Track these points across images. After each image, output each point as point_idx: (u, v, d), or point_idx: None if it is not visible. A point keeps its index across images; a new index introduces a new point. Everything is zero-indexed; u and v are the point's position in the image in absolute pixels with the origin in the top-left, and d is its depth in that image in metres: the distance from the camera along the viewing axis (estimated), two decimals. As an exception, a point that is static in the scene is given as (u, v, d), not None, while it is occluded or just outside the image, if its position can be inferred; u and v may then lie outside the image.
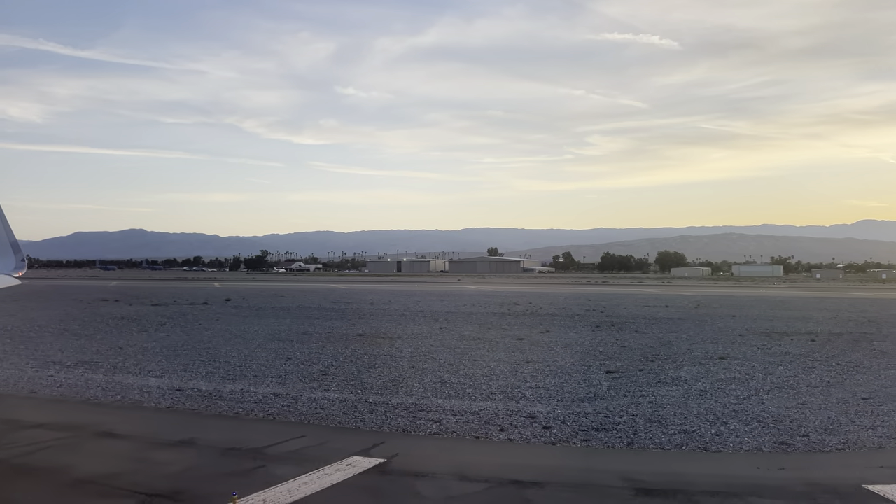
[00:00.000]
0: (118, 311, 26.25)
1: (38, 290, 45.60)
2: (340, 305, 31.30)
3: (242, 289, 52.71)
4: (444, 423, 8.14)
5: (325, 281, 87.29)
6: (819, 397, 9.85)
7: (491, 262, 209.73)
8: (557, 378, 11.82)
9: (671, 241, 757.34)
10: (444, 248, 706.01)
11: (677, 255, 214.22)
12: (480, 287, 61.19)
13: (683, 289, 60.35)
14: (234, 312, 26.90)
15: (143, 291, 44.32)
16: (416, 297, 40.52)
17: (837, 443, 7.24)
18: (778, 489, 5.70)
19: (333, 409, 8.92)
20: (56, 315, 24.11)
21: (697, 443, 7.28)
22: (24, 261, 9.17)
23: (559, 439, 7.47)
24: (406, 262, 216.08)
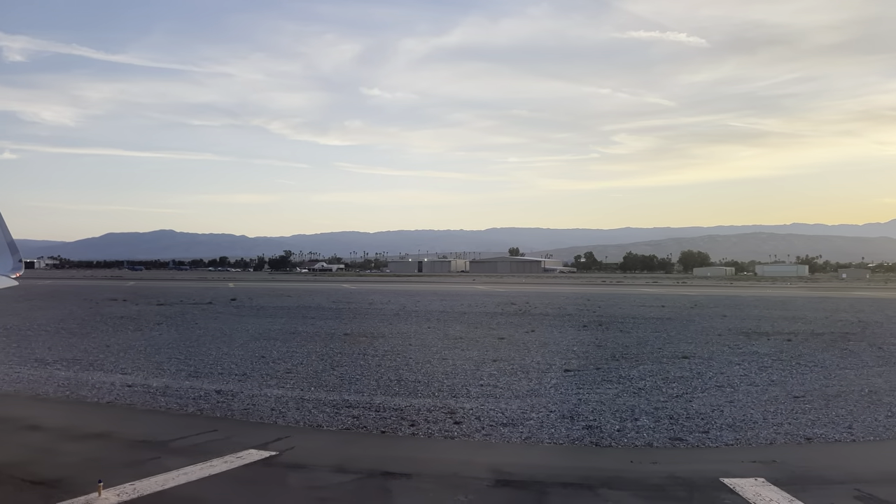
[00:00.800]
0: (121, 311, 26.90)
1: (54, 290, 46.85)
2: (340, 305, 31.69)
3: (252, 289, 53.46)
4: (361, 419, 8.40)
5: (339, 281, 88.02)
6: (752, 396, 9.94)
7: (512, 262, 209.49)
8: (513, 376, 12.01)
9: (699, 240, 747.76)
10: (469, 248, 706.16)
11: (701, 255, 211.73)
12: (489, 287, 61.28)
13: (694, 289, 59.83)
14: (234, 312, 27.40)
15: (154, 291, 45.22)
16: (419, 296, 40.80)
17: (731, 439, 7.39)
18: (634, 481, 5.90)
19: (265, 405, 9.22)
20: (59, 314, 24.81)
21: (595, 437, 7.46)
22: (21, 262, 9.18)
23: (463, 434, 7.67)
24: (427, 263, 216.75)
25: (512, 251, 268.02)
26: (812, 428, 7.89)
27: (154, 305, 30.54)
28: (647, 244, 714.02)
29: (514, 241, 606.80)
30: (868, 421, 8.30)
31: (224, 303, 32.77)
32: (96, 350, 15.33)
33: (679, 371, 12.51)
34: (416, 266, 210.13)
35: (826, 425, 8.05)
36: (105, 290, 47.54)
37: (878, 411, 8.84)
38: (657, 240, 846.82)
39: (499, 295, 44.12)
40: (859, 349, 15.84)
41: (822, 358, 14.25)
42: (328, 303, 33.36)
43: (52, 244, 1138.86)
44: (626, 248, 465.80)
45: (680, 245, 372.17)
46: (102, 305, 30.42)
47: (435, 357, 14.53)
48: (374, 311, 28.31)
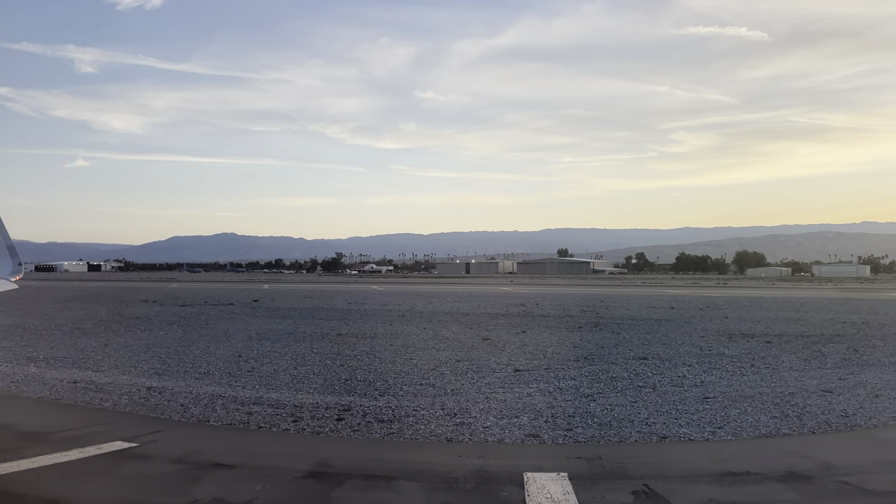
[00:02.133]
0: (143, 312, 28.26)
1: (98, 291, 49.23)
2: (354, 306, 32.46)
3: (282, 290, 54.77)
4: (256, 416, 8.86)
5: (370, 282, 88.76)
6: (665, 397, 10.11)
7: (560, 263, 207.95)
8: (461, 376, 12.32)
9: (762, 240, 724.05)
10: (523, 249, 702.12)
11: (756, 255, 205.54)
12: (515, 288, 61.18)
13: (730, 290, 58.45)
14: (248, 313, 28.43)
15: (188, 293, 46.99)
16: (437, 298, 41.30)
17: (588, 436, 7.62)
18: (438, 474, 6.18)
19: (178, 402, 9.75)
20: (82, 315, 26.28)
21: (458, 433, 7.81)
22: (21, 265, 9.23)
23: (338, 429, 8.13)
24: (474, 264, 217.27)
25: (560, 252, 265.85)
26: (679, 428, 8.07)
27: (177, 307, 31.91)
28: (706, 244, 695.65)
29: (569, 241, 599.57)
30: (749, 421, 8.41)
31: (245, 304, 33.96)
32: (92, 349, 16.28)
33: (623, 372, 12.69)
34: (464, 268, 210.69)
35: (697, 425, 8.21)
36: (145, 291, 49.67)
37: (770, 412, 8.91)
38: (717, 240, 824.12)
39: (518, 296, 44.24)
40: (833, 351, 15.63)
41: (782, 360, 14.16)
42: (344, 304, 34.21)
43: (121, 247, 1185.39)
44: (686, 248, 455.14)
45: (741, 245, 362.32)
46: (130, 306, 31.94)
47: (403, 358, 14.94)
48: (383, 312, 28.95)
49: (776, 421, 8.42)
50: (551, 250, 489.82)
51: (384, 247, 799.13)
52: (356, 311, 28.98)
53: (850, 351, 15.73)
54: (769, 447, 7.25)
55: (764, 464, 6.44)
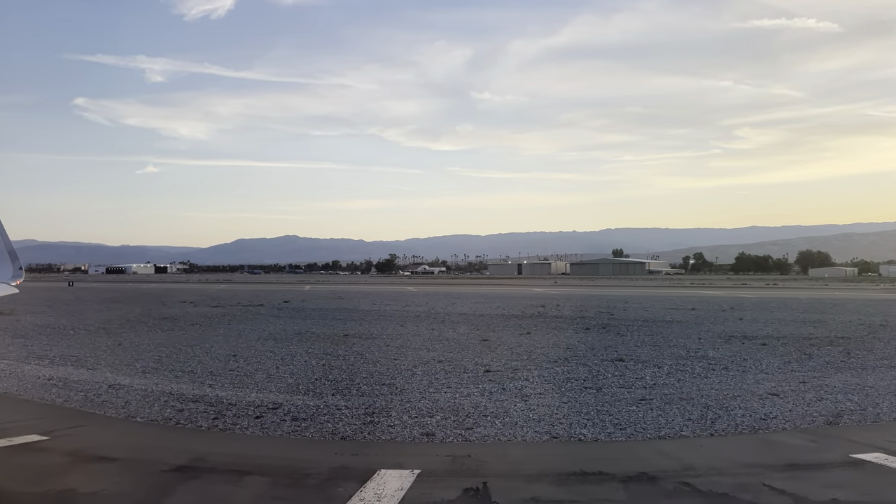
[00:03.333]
0: (173, 313, 29.50)
1: (144, 292, 51.43)
2: (377, 308, 33.05)
3: (320, 291, 55.91)
4: (186, 412, 9.18)
5: (414, 284, 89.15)
6: (602, 398, 10.16)
7: (614, 263, 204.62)
8: (431, 376, 12.46)
9: (833, 239, 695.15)
10: (581, 249, 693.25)
11: (821, 255, 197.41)
12: (546, 290, 60.67)
13: (771, 291, 56.71)
14: (273, 314, 29.33)
15: (228, 294, 48.62)
16: (462, 299, 41.58)
17: (483, 435, 7.84)
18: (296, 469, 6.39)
19: (123, 398, 10.21)
20: (114, 316, 27.62)
21: (360, 431, 8.08)
22: (22, 269, 9.14)
23: (252, 426, 8.41)
24: (527, 265, 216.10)
25: (615, 252, 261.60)
26: (580, 428, 8.17)
27: (209, 307, 33.16)
28: (773, 244, 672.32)
29: (629, 242, 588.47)
30: (659, 423, 8.44)
31: (274, 305, 34.99)
32: (103, 348, 17.05)
33: (586, 373, 12.75)
34: (516, 269, 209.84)
35: (600, 426, 8.29)
36: (190, 293, 51.62)
37: (690, 414, 8.89)
38: (785, 239, 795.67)
39: (546, 297, 44.07)
40: (824, 353, 15.30)
41: (762, 363, 13.94)
42: (368, 305, 34.86)
43: (189, 250, 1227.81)
44: (752, 248, 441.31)
45: (810, 244, 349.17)
46: (166, 307, 33.36)
47: (389, 358, 15.16)
48: (401, 314, 29.38)
49: (690, 423, 8.43)
50: (610, 251, 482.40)
51: (441, 248, 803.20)
52: (375, 313, 29.53)
53: (842, 354, 15.32)
54: (647, 448, 7.30)
55: (623, 465, 6.48)
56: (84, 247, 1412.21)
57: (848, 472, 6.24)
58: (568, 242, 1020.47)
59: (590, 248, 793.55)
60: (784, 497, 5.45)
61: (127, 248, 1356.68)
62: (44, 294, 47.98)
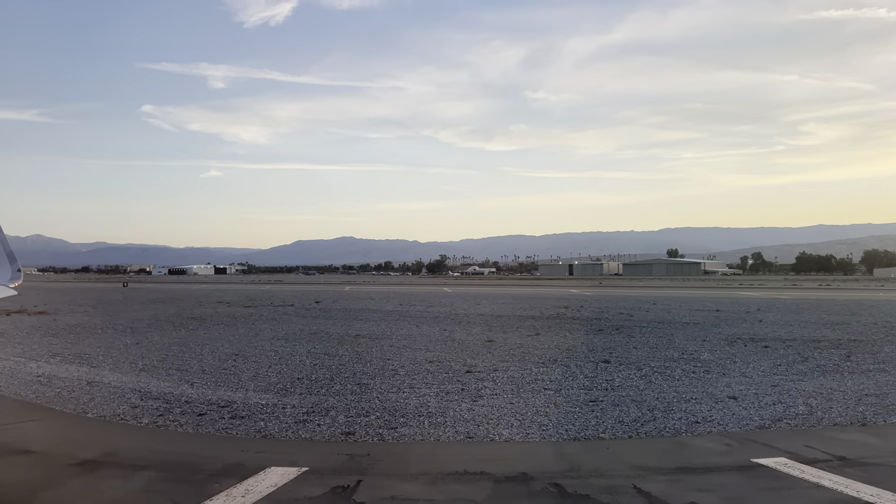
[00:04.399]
0: (204, 313, 30.56)
1: (190, 293, 53.19)
2: (402, 308, 33.49)
3: (356, 292, 56.51)
4: (139, 409, 9.56)
5: (453, 284, 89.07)
6: (553, 399, 10.25)
7: (668, 264, 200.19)
8: (409, 377, 12.76)
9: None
10: (640, 249, 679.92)
11: (888, 254, 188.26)
12: (580, 291, 59.94)
13: (817, 292, 54.51)
14: (299, 314, 30.07)
15: (267, 294, 49.86)
16: (490, 300, 41.68)
17: (400, 435, 8.04)
18: (192, 465, 6.61)
19: (90, 395, 10.66)
20: (146, 315, 28.82)
21: (292, 430, 8.32)
22: (20, 271, 9.11)
23: (184, 424, 8.74)
24: (578, 266, 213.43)
25: (670, 252, 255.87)
26: (505, 429, 8.30)
27: (242, 307, 34.19)
28: (841, 243, 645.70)
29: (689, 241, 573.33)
30: (587, 425, 8.51)
31: (304, 306, 35.79)
32: (119, 347, 17.61)
33: (560, 374, 12.84)
34: (567, 269, 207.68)
35: (522, 427, 8.37)
36: (232, 293, 53.16)
37: (626, 417, 8.92)
38: (855, 238, 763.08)
39: (574, 299, 43.67)
40: (822, 357, 14.98)
41: (750, 366, 13.75)
42: (395, 306, 35.30)
43: (250, 251, 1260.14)
44: (818, 248, 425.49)
45: (881, 244, 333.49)
46: (202, 307, 34.55)
47: (383, 359, 15.29)
48: (422, 314, 29.70)
49: (620, 425, 8.46)
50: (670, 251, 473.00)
51: (495, 248, 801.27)
52: (398, 314, 29.93)
53: (841, 357, 14.91)
54: (548, 449, 7.37)
55: (511, 465, 6.53)
56: (150, 248, 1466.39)
57: (732, 475, 6.19)
58: (625, 242, 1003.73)
59: (648, 248, 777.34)
60: (642, 498, 5.50)
61: (191, 249, 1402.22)
62: (95, 295, 50.31)
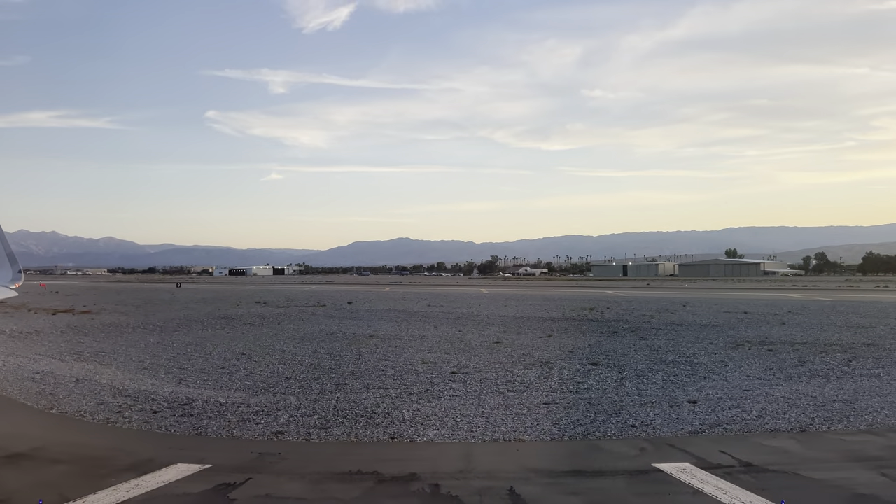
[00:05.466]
0: (236, 312, 31.49)
1: (235, 292, 54.77)
2: (429, 309, 33.77)
3: (393, 293, 57.07)
4: (105, 406, 9.96)
5: (492, 285, 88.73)
6: (509, 401, 10.36)
7: (726, 264, 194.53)
8: (394, 377, 13.03)
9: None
10: (701, 249, 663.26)
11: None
12: (617, 292, 58.88)
13: (871, 294, 52.12)
14: (328, 314, 30.68)
15: (306, 295, 50.89)
16: (520, 301, 41.56)
17: (329, 434, 8.29)
18: (99, 458, 6.94)
19: (80, 391, 11.19)
20: (180, 315, 29.89)
21: (233, 429, 8.62)
22: (21, 272, 9.15)
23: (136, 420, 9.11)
24: (632, 266, 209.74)
25: (728, 252, 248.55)
26: (427, 430, 8.47)
27: (276, 308, 35.13)
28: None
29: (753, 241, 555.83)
30: (527, 424, 8.63)
31: (335, 306, 36.44)
32: (139, 345, 18.20)
33: (538, 375, 12.94)
34: (621, 270, 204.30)
35: (453, 429, 8.51)
36: (276, 293, 54.54)
37: (565, 420, 8.98)
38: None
39: (606, 300, 43.14)
40: (823, 361, 14.61)
41: (740, 370, 13.56)
42: (423, 307, 35.64)
43: (309, 253, 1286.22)
44: (892, 248, 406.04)
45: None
46: (239, 307, 35.55)
47: (380, 359, 15.41)
48: (443, 315, 29.92)
49: (552, 428, 8.54)
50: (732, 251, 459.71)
51: (551, 249, 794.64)
52: (421, 314, 30.27)
53: (841, 361, 14.53)
54: (459, 450, 7.49)
55: (409, 465, 6.62)
56: (214, 250, 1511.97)
57: (619, 479, 6.21)
58: (686, 242, 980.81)
59: (709, 248, 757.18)
60: (510, 501, 5.58)
61: (253, 251, 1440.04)
62: (146, 295, 52.41)
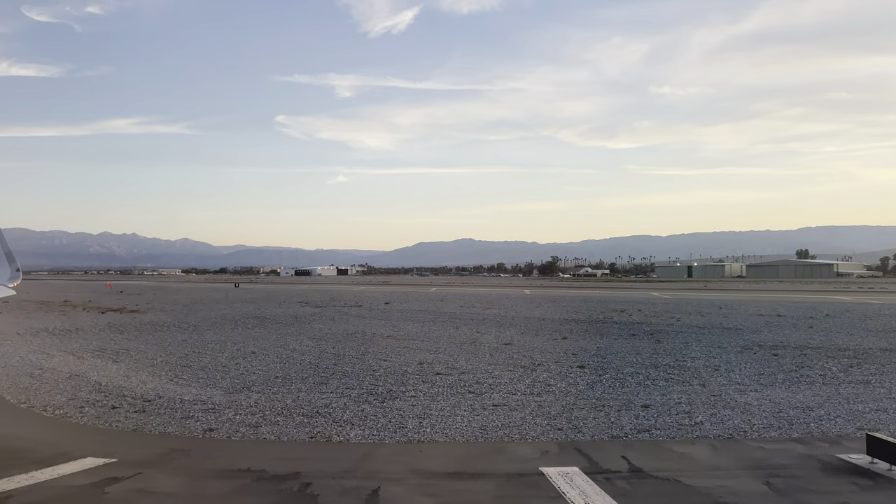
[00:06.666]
0: (273, 312, 32.47)
1: (286, 292, 56.30)
2: (461, 310, 33.99)
3: (436, 293, 57.32)
4: (76, 400, 10.65)
5: (543, 286, 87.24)
6: (465, 403, 10.53)
7: (797, 265, 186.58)
8: (382, 377, 13.41)
9: None
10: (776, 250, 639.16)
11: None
12: (661, 294, 57.42)
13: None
14: (360, 314, 31.27)
15: (349, 295, 51.74)
16: (556, 302, 41.21)
17: (258, 433, 8.64)
18: (19, 450, 7.36)
19: (66, 387, 11.86)
20: (219, 314, 31.00)
21: (176, 425, 9.08)
22: (19, 271, 9.25)
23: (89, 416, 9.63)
24: (697, 267, 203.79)
25: (799, 253, 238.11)
26: (356, 429, 8.74)
27: (313, 308, 35.99)
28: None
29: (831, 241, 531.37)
30: (457, 425, 8.80)
31: (371, 306, 37.01)
32: (163, 343, 19.03)
33: (515, 377, 13.03)
34: (686, 271, 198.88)
35: (389, 430, 8.74)
36: (324, 293, 55.86)
37: (501, 420, 9.09)
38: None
39: (643, 302, 42.40)
40: (824, 366, 14.20)
41: (730, 373, 13.32)
42: (454, 308, 35.82)
43: (374, 253, 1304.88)
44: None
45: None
46: (279, 307, 36.58)
47: (382, 359, 15.81)
48: (472, 316, 30.07)
49: (481, 430, 8.66)
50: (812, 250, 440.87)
51: (618, 249, 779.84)
52: (448, 315, 30.50)
53: (841, 367, 14.09)
54: (362, 450, 7.70)
55: (294, 465, 6.79)
56: (284, 251, 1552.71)
57: (492, 481, 6.30)
58: (759, 243, 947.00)
59: (784, 248, 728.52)
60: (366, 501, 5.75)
61: (321, 251, 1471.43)
62: (202, 294, 54.52)
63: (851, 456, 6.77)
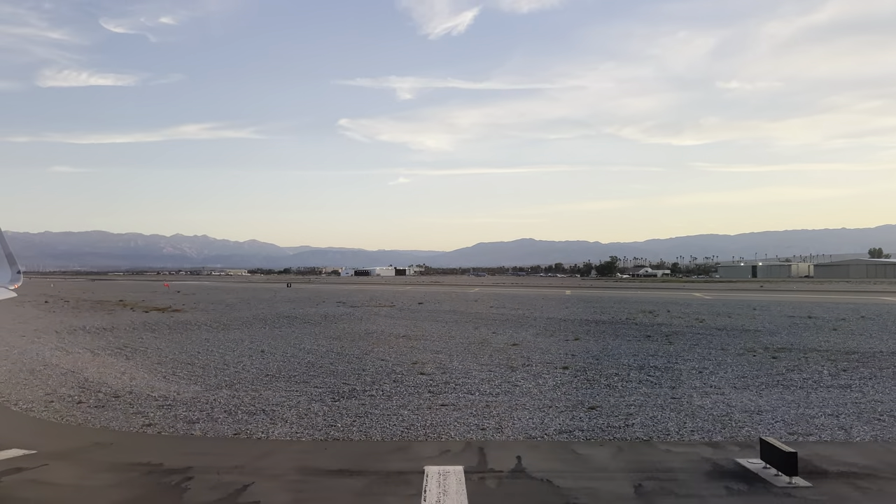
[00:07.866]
0: (305, 312, 33.21)
1: (335, 292, 57.42)
2: (491, 311, 33.99)
3: (475, 294, 57.29)
4: (56, 393, 11.36)
5: (580, 287, 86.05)
6: (420, 403, 10.72)
7: (868, 265, 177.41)
8: (374, 375, 13.76)
9: None
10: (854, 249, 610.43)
11: None
12: (703, 294, 55.75)
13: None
14: (389, 314, 31.70)
15: (388, 294, 52.42)
16: (592, 303, 40.59)
17: (189, 429, 9.01)
18: None
19: (52, 385, 12.45)
20: (253, 314, 31.98)
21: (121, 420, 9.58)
22: (20, 273, 9.31)
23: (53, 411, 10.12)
24: (762, 267, 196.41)
25: (872, 252, 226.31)
26: (281, 427, 9.05)
27: (347, 308, 36.66)
28: None
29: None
30: (396, 422, 8.98)
31: (403, 307, 37.38)
32: (185, 342, 19.93)
33: (489, 377, 13.17)
34: (749, 271, 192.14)
35: (292, 426, 9.08)
36: (368, 293, 56.58)
37: (443, 419, 9.23)
38: None
39: (677, 303, 41.37)
40: (819, 369, 13.81)
41: (716, 375, 13.17)
42: (483, 308, 35.86)
43: (434, 254, 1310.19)
44: None
45: None
46: (315, 307, 37.36)
47: (381, 358, 16.22)
48: (496, 316, 30.07)
49: (408, 429, 8.89)
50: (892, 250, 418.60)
51: (684, 249, 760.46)
52: (473, 315, 30.64)
53: (835, 371, 13.69)
54: (262, 447, 7.99)
55: (193, 460, 7.14)
56: (347, 251, 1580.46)
57: (372, 478, 6.50)
58: (835, 241, 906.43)
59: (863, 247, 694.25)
60: (236, 495, 6.03)
61: (382, 252, 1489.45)
62: (251, 294, 56.11)
63: (749, 460, 6.70)
